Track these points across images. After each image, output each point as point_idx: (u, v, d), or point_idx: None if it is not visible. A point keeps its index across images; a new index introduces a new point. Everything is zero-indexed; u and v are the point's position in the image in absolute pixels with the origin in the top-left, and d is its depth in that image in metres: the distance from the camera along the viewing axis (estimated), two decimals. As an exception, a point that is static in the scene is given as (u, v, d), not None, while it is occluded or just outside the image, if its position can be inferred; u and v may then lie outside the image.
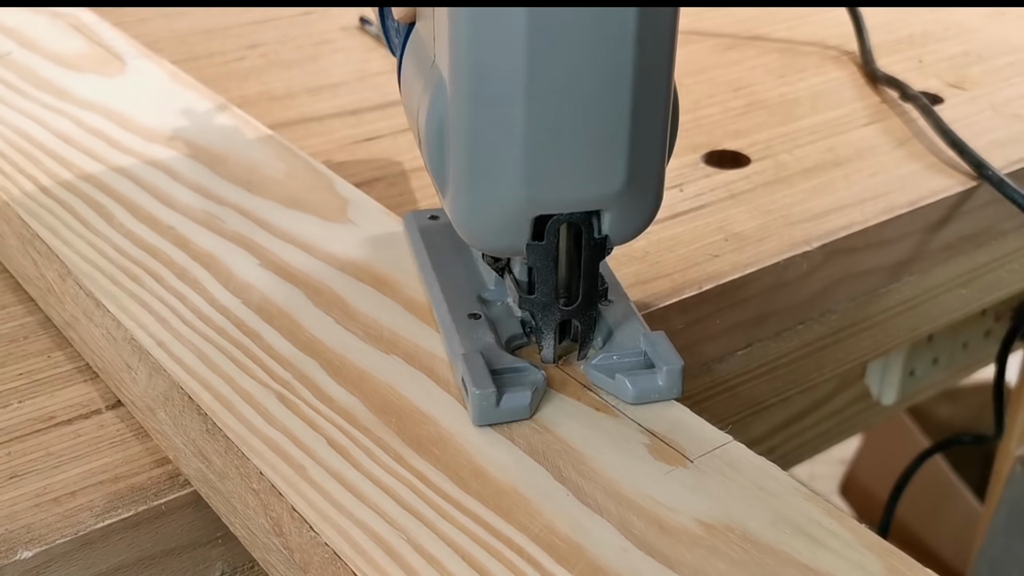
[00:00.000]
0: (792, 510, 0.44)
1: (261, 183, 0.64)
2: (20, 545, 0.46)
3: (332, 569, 0.41)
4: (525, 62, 0.42)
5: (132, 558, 0.48)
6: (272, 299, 0.54)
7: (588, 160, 0.44)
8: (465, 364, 0.47)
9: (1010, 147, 0.75)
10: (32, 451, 0.51)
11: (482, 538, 0.42)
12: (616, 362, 0.49)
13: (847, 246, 0.66)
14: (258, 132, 0.70)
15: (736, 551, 0.42)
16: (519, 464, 0.45)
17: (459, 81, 0.43)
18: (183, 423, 0.48)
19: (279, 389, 0.49)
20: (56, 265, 0.56)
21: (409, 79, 0.50)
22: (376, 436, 0.46)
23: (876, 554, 0.42)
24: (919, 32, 0.95)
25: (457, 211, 0.46)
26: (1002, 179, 0.70)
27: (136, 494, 0.49)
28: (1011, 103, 0.82)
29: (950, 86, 0.85)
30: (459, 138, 0.44)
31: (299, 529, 0.42)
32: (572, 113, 0.43)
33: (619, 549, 0.42)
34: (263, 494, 0.44)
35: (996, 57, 0.90)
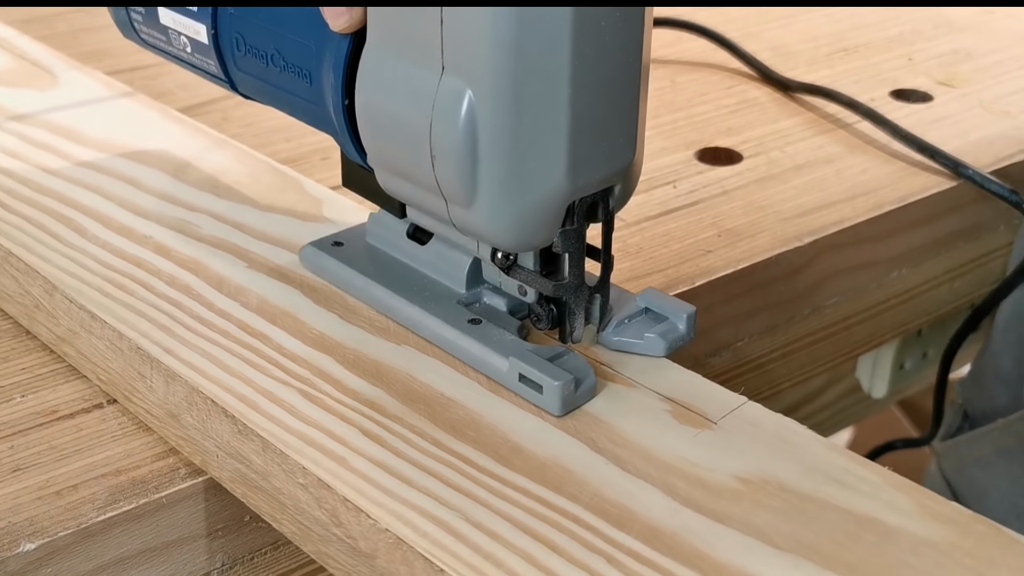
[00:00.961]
0: (819, 460, 0.46)
1: (228, 187, 0.64)
2: (23, 537, 0.46)
3: (400, 553, 0.42)
4: (569, 59, 0.43)
5: (133, 550, 0.49)
6: (270, 300, 0.54)
7: (611, 140, 0.46)
8: (526, 363, 0.48)
9: (999, 143, 0.78)
10: (34, 445, 0.51)
11: (537, 511, 0.43)
12: (630, 325, 0.51)
13: (838, 242, 0.68)
14: (211, 137, 0.69)
15: (777, 502, 0.44)
16: (554, 439, 0.47)
17: (502, 86, 0.43)
18: (211, 426, 0.48)
19: (300, 386, 0.49)
20: (39, 281, 0.55)
21: (388, 98, 0.47)
22: (409, 423, 0.47)
23: (905, 493, 0.44)
24: (908, 30, 0.97)
25: (495, 217, 0.46)
26: (984, 176, 0.72)
27: (137, 487, 0.49)
28: (1000, 100, 0.84)
29: (940, 84, 0.87)
30: (500, 144, 0.44)
31: (357, 518, 0.43)
32: (601, 101, 0.45)
33: (669, 510, 0.43)
34: (312, 488, 0.44)
35: (985, 55, 0.92)
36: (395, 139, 0.47)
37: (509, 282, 0.52)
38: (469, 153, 0.44)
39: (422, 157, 0.46)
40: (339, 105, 0.50)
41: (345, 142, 0.51)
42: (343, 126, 0.50)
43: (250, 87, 0.55)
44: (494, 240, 0.48)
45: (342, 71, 0.49)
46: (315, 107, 0.52)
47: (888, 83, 0.88)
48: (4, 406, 0.53)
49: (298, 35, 0.51)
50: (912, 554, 0.42)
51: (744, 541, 0.42)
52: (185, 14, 0.55)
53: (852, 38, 0.97)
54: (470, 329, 0.51)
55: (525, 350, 0.49)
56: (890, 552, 0.42)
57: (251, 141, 0.73)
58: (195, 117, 0.73)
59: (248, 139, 0.73)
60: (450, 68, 0.44)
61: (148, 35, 0.59)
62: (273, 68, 0.52)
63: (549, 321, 0.51)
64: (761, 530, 0.42)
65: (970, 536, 0.42)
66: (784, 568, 0.41)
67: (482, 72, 0.43)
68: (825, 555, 0.41)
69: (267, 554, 0.53)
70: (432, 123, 0.45)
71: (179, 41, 0.56)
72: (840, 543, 0.42)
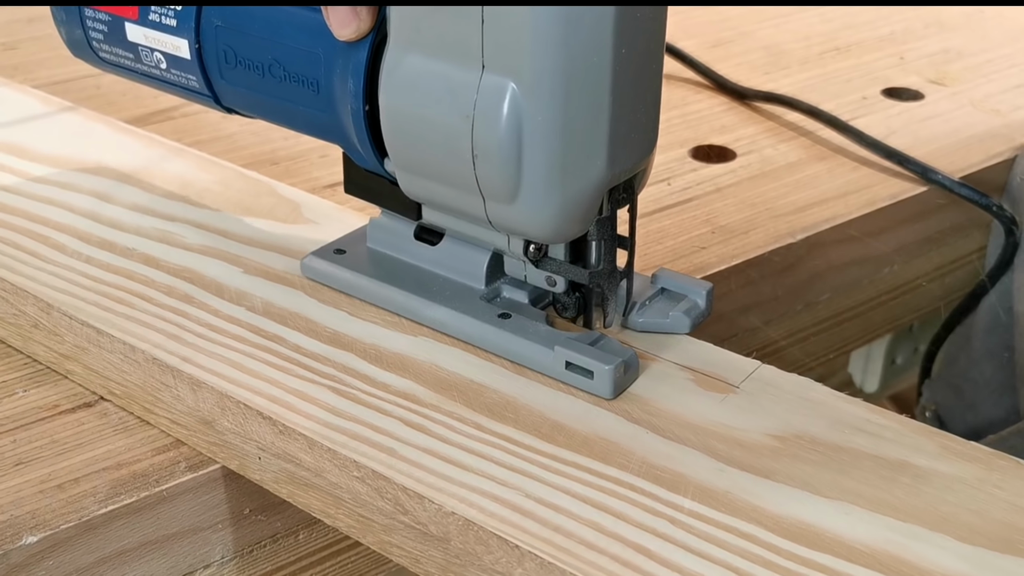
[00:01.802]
0: (841, 413, 0.49)
1: (200, 195, 0.63)
2: (25, 530, 0.46)
3: (472, 533, 0.42)
4: (611, 52, 0.44)
5: (134, 542, 0.49)
6: (275, 303, 0.55)
7: (641, 128, 0.48)
8: (572, 350, 0.49)
9: (989, 141, 0.80)
10: (37, 439, 0.51)
11: (592, 481, 0.45)
12: (651, 307, 0.53)
13: (830, 238, 0.69)
14: (167, 146, 0.68)
15: (813, 455, 0.46)
16: (591, 414, 0.48)
17: (549, 81, 0.44)
18: (251, 429, 0.48)
19: (329, 383, 0.49)
20: (31, 300, 0.54)
21: (420, 101, 0.47)
22: (447, 411, 0.48)
23: (926, 437, 0.47)
24: (900, 30, 1.00)
25: (539, 211, 0.46)
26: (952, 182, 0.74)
27: (138, 480, 0.49)
28: (990, 98, 0.87)
29: (931, 82, 0.89)
30: (546, 139, 0.45)
31: (421, 504, 0.44)
32: (634, 90, 0.46)
33: (716, 470, 0.45)
34: (369, 480, 0.45)
35: (975, 54, 0.95)
36: (428, 141, 0.47)
37: (536, 274, 0.52)
38: (514, 150, 0.45)
39: (461, 157, 0.46)
40: (359, 112, 0.49)
41: (359, 149, 0.51)
42: (362, 133, 0.50)
43: (238, 100, 0.55)
44: (535, 234, 0.48)
45: (362, 77, 0.49)
46: (321, 115, 0.51)
47: (880, 81, 0.90)
48: (6, 401, 0.53)
49: (301, 44, 0.51)
50: (947, 491, 0.44)
51: (792, 493, 0.44)
52: (161, 30, 0.54)
53: (844, 37, 0.99)
54: (503, 323, 0.51)
55: (567, 338, 0.50)
56: (927, 491, 0.44)
57: (250, 139, 0.73)
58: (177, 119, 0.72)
59: (247, 137, 0.73)
60: (491, 66, 0.45)
61: (109, 54, 0.58)
62: (270, 79, 0.52)
63: (576, 309, 0.52)
64: (805, 481, 0.45)
65: (995, 470, 0.46)
66: (835, 514, 0.43)
67: (528, 69, 0.44)
68: (869, 499, 0.44)
69: (266, 547, 0.54)
70: (474, 122, 0.45)
71: (151, 58, 0.56)
72: (879, 487, 0.45)
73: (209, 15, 0.53)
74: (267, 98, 0.53)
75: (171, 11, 0.53)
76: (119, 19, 0.55)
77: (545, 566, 0.41)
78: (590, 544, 0.42)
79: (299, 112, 0.53)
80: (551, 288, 0.52)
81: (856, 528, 0.42)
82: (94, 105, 0.75)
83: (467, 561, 0.43)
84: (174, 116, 0.78)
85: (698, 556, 0.41)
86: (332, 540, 0.56)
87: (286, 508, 0.53)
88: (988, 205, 0.74)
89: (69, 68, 0.84)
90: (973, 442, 0.47)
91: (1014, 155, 0.78)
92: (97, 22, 0.57)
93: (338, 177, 0.72)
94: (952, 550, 0.41)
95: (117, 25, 0.56)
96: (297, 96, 0.52)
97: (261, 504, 0.52)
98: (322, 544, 0.56)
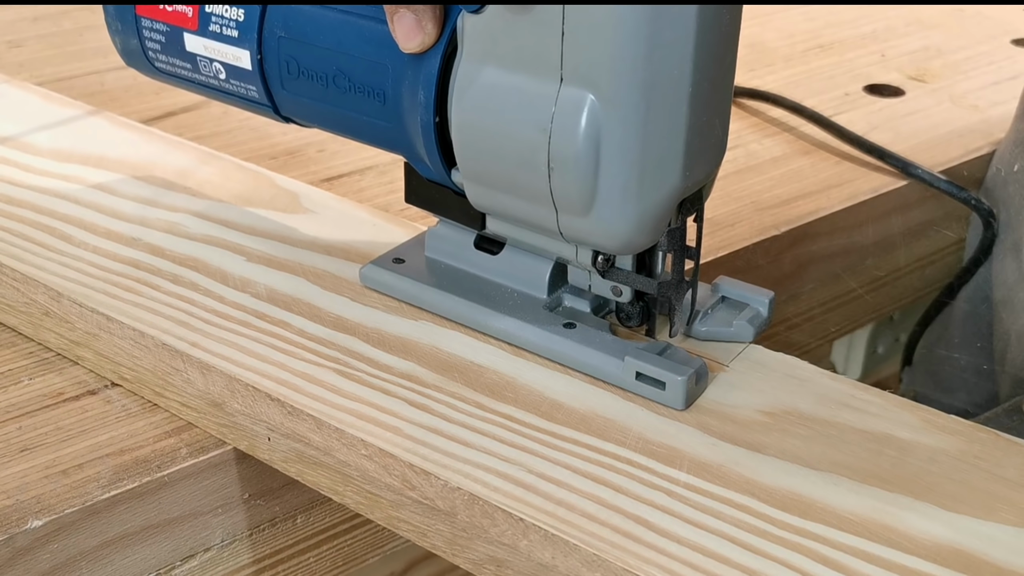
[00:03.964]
0: (828, 389, 0.51)
1: (201, 187, 0.65)
2: (31, 515, 0.47)
3: (478, 507, 0.44)
4: (692, 66, 0.44)
5: (137, 526, 0.50)
6: (279, 289, 0.56)
7: (713, 136, 0.48)
8: (643, 361, 0.49)
9: (968, 136, 0.82)
10: (42, 425, 0.52)
11: (591, 456, 0.46)
12: (713, 315, 0.53)
13: (814, 231, 0.71)
14: (168, 141, 0.70)
15: (802, 429, 0.48)
16: (587, 393, 0.50)
17: (631, 93, 0.44)
18: (260, 410, 0.49)
19: (334, 366, 0.51)
20: (41, 289, 0.55)
21: (494, 113, 0.47)
22: (449, 391, 0.50)
23: (909, 411, 0.49)
24: (881, 28, 1.01)
25: (615, 223, 0.46)
26: (932, 176, 0.76)
27: (140, 466, 0.50)
28: (969, 95, 0.89)
29: (911, 79, 0.91)
30: (625, 151, 0.45)
31: (428, 480, 0.45)
32: (709, 100, 0.46)
33: (709, 445, 0.47)
34: (376, 457, 0.47)
35: (955, 51, 0.97)
36: (502, 154, 0.47)
37: (601, 284, 0.52)
38: (591, 162, 0.45)
39: (536, 170, 0.46)
40: (429, 123, 0.49)
41: (425, 160, 0.51)
42: (431, 144, 0.50)
43: (298, 110, 0.55)
44: (608, 245, 0.48)
45: (433, 89, 0.49)
46: (387, 126, 0.52)
47: (862, 78, 0.91)
48: (12, 388, 0.54)
49: (368, 55, 0.51)
50: (931, 462, 0.47)
51: (783, 466, 0.46)
52: (222, 40, 0.54)
53: (827, 35, 1.01)
54: (569, 333, 0.51)
55: (636, 348, 0.50)
56: (911, 463, 0.46)
57: (249, 134, 0.74)
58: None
59: (246, 132, 0.74)
60: (570, 79, 0.45)
61: (166, 64, 0.58)
62: (334, 89, 0.52)
63: (640, 318, 0.52)
64: (796, 455, 0.47)
65: (975, 442, 0.48)
66: (825, 485, 0.45)
67: (609, 81, 0.44)
68: (857, 470, 0.46)
69: (265, 530, 0.55)
70: (551, 135, 0.45)
71: (209, 69, 0.56)
72: (866, 459, 0.47)
73: (272, 26, 0.53)
74: (330, 108, 0.53)
75: (232, 22, 0.54)
76: (178, 29, 0.56)
77: (549, 538, 0.43)
78: (591, 516, 0.43)
79: (363, 122, 0.52)
80: (616, 298, 0.52)
81: (845, 498, 0.44)
82: (97, 102, 0.77)
83: (473, 534, 0.44)
84: (175, 112, 0.79)
85: (695, 526, 0.43)
86: (329, 524, 0.58)
87: (284, 493, 0.55)
88: (967, 198, 0.75)
89: (73, 65, 0.86)
90: (953, 416, 0.50)
91: (992, 150, 0.80)
92: (155, 32, 0.57)
93: (334, 171, 0.74)
94: (938, 518, 0.44)
95: (175, 35, 0.56)
96: (362, 107, 0.52)
97: (260, 489, 0.54)
98: (319, 528, 0.57)
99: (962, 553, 0.42)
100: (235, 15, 0.54)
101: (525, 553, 0.43)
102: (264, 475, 0.53)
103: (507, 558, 0.44)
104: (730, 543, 0.42)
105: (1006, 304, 0.71)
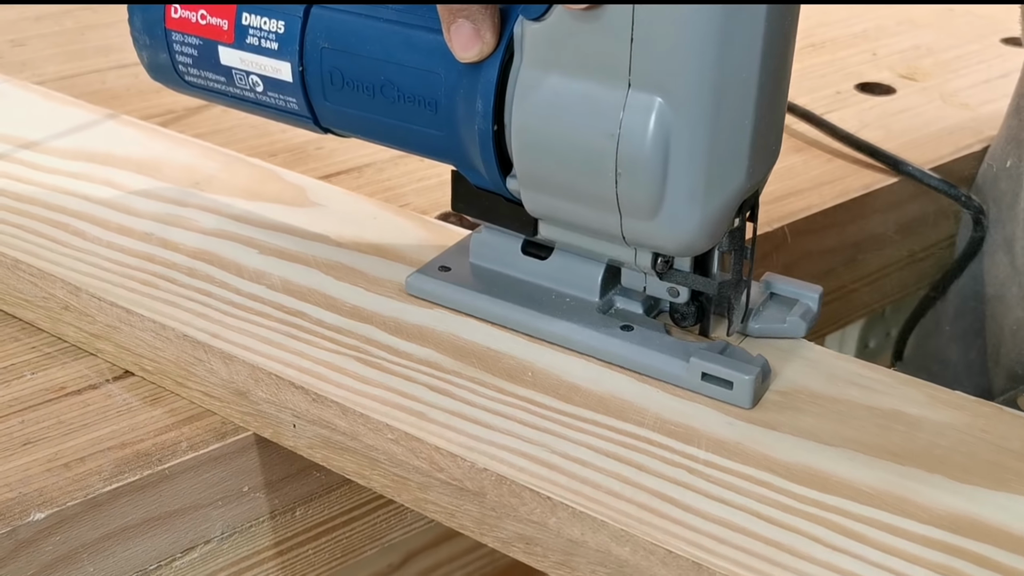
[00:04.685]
0: (835, 369, 0.52)
1: (208, 182, 0.65)
2: (34, 507, 0.48)
3: (506, 487, 0.45)
4: (759, 67, 0.45)
5: (138, 519, 0.51)
6: (293, 280, 0.57)
7: (771, 136, 0.49)
8: (709, 361, 0.49)
9: (958, 134, 0.83)
10: (44, 419, 0.53)
11: (611, 436, 0.48)
12: (764, 312, 0.54)
13: (806, 227, 0.72)
14: (171, 137, 0.70)
15: (813, 407, 0.50)
16: (604, 376, 0.51)
17: (700, 98, 0.44)
18: (284, 398, 0.50)
19: (354, 354, 0.52)
20: (60, 283, 0.56)
21: (558, 120, 0.47)
22: (468, 376, 0.51)
23: (914, 388, 0.51)
24: (873, 27, 1.02)
25: (681, 225, 0.47)
26: (923, 173, 0.77)
27: (141, 459, 0.51)
28: (959, 93, 0.90)
29: (902, 77, 0.92)
30: (694, 155, 0.45)
31: (455, 462, 0.46)
32: (771, 99, 0.47)
33: (725, 423, 0.49)
34: (403, 441, 0.48)
35: (945, 50, 0.98)
36: (565, 160, 0.48)
37: (657, 285, 0.52)
38: (660, 166, 0.46)
39: (602, 175, 0.47)
40: (487, 132, 0.49)
41: (478, 168, 0.52)
42: (488, 152, 0.50)
43: (341, 121, 0.55)
44: (672, 248, 0.49)
45: (492, 97, 0.49)
46: (438, 135, 0.52)
47: (853, 77, 0.92)
48: (15, 383, 0.55)
49: (419, 64, 0.51)
50: (939, 436, 0.48)
51: (799, 442, 0.48)
52: (260, 53, 0.54)
53: (819, 34, 1.02)
54: (628, 336, 0.52)
55: (699, 349, 0.50)
56: (920, 437, 0.48)
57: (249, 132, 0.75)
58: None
59: (246, 130, 0.75)
60: (638, 84, 0.45)
61: (197, 77, 0.58)
62: (381, 100, 0.52)
63: (695, 319, 0.53)
64: (809, 431, 0.48)
65: (980, 416, 0.49)
66: (839, 460, 0.47)
67: (680, 85, 0.45)
68: (869, 446, 0.47)
69: (264, 523, 0.56)
70: (620, 140, 0.46)
71: (246, 81, 0.56)
72: (877, 435, 0.48)
73: (315, 37, 0.53)
74: (376, 118, 0.53)
75: (272, 34, 0.54)
76: (212, 43, 0.55)
77: (577, 515, 0.44)
78: (616, 494, 0.45)
79: (412, 132, 0.53)
80: (673, 299, 0.52)
81: (861, 472, 0.46)
82: (99, 100, 0.77)
83: (503, 513, 0.45)
84: (176, 111, 0.80)
85: (718, 501, 0.44)
86: (328, 516, 0.59)
87: (283, 486, 0.56)
88: (957, 195, 0.76)
89: (75, 64, 0.86)
90: (957, 391, 0.51)
91: (982, 147, 0.81)
92: (186, 46, 0.56)
93: (333, 168, 0.75)
94: (950, 489, 0.45)
95: (209, 49, 0.56)
96: (411, 116, 0.52)
97: (259, 482, 0.55)
98: (318, 520, 0.58)
99: (977, 522, 0.43)
100: (275, 27, 0.54)
101: (555, 530, 0.44)
102: (263, 469, 0.54)
103: (536, 535, 0.45)
104: (753, 516, 0.44)
105: (999, 299, 0.73)
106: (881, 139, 0.80)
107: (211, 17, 0.55)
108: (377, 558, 0.92)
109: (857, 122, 0.84)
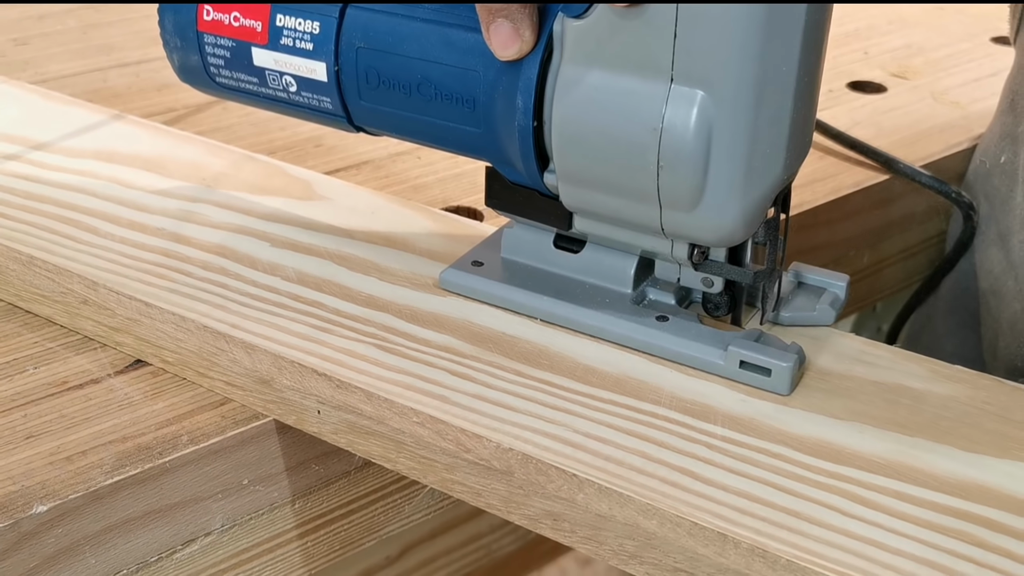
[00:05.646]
0: (840, 347, 0.54)
1: (215, 178, 0.66)
2: (36, 500, 0.49)
3: (532, 466, 0.47)
4: (799, 59, 0.46)
5: (139, 511, 0.52)
6: (307, 272, 0.58)
7: (805, 128, 0.50)
8: (746, 349, 0.50)
9: (948, 132, 0.84)
10: (46, 413, 0.54)
11: (630, 415, 0.49)
12: (793, 300, 0.55)
13: (798, 224, 0.73)
14: (174, 135, 0.71)
15: (822, 384, 0.51)
16: (617, 357, 0.53)
17: (742, 91, 0.46)
18: (308, 385, 0.51)
19: (374, 341, 0.53)
20: (77, 279, 0.57)
21: (600, 115, 0.48)
22: (487, 360, 0.52)
23: (917, 363, 0.53)
24: (864, 26, 1.03)
25: (721, 217, 0.48)
26: (915, 170, 0.78)
27: (142, 453, 0.52)
28: (950, 91, 0.91)
29: (893, 76, 0.93)
30: (736, 147, 0.46)
31: (481, 443, 0.48)
32: (807, 94, 0.48)
33: (739, 400, 0.50)
34: (428, 424, 0.49)
35: (936, 49, 0.99)
36: (607, 154, 0.49)
37: (692, 276, 0.53)
38: (702, 159, 0.47)
39: (643, 169, 0.48)
40: (527, 128, 0.50)
41: (516, 164, 0.52)
42: (527, 149, 0.51)
43: (375, 119, 0.56)
44: (711, 239, 0.50)
45: (532, 94, 0.50)
46: (474, 132, 0.52)
47: (845, 75, 0.93)
48: (17, 377, 0.56)
49: (457, 62, 0.51)
50: (944, 408, 0.50)
51: (810, 416, 0.49)
52: (295, 54, 0.55)
53: None
54: (664, 326, 0.53)
55: (736, 337, 0.51)
56: (926, 410, 0.50)
57: (249, 129, 0.75)
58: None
59: (246, 127, 0.75)
60: (680, 78, 0.46)
61: (229, 79, 0.58)
62: (417, 98, 0.53)
63: (728, 308, 0.54)
64: (820, 406, 0.50)
65: (981, 389, 0.51)
66: (850, 432, 0.48)
67: (722, 79, 0.46)
68: (877, 419, 0.49)
69: (264, 516, 0.57)
70: (662, 134, 0.47)
71: (279, 82, 0.56)
72: (885, 408, 0.50)
73: (350, 37, 0.54)
74: (413, 116, 0.54)
75: (307, 35, 0.54)
76: (245, 44, 0.56)
77: (603, 490, 0.45)
78: (639, 469, 0.46)
79: (449, 129, 0.53)
80: (707, 289, 0.53)
81: (871, 444, 0.48)
82: (101, 98, 0.78)
83: (530, 491, 0.47)
84: (176, 109, 0.81)
85: (738, 475, 0.46)
86: (327, 509, 0.59)
87: (282, 480, 0.57)
88: (948, 192, 0.77)
89: (77, 63, 0.87)
90: (957, 365, 0.53)
91: (972, 145, 0.82)
92: (219, 48, 0.57)
93: (332, 165, 0.75)
94: (958, 458, 0.47)
95: (242, 51, 0.57)
96: (448, 114, 0.53)
97: (258, 475, 0.56)
98: (317, 513, 0.59)
99: (987, 489, 0.45)
100: (310, 28, 0.54)
101: (583, 506, 0.46)
102: (262, 462, 0.55)
103: (564, 512, 0.46)
104: (772, 488, 0.45)
105: (994, 293, 0.74)
106: (872, 137, 0.82)
107: (244, 19, 0.56)
108: (375, 550, 0.94)
109: (849, 120, 0.85)
